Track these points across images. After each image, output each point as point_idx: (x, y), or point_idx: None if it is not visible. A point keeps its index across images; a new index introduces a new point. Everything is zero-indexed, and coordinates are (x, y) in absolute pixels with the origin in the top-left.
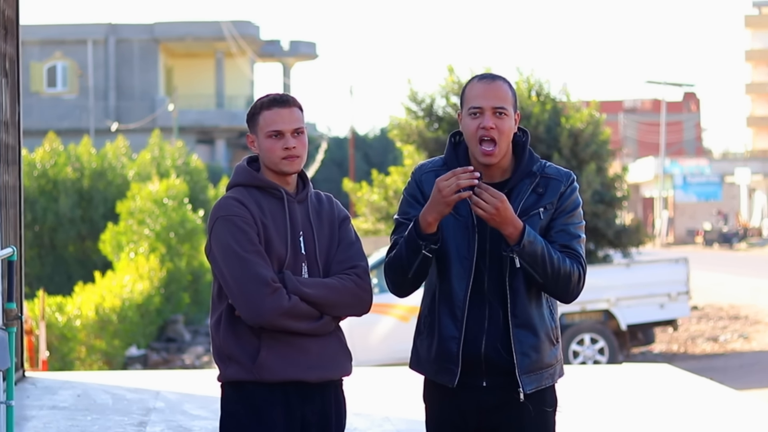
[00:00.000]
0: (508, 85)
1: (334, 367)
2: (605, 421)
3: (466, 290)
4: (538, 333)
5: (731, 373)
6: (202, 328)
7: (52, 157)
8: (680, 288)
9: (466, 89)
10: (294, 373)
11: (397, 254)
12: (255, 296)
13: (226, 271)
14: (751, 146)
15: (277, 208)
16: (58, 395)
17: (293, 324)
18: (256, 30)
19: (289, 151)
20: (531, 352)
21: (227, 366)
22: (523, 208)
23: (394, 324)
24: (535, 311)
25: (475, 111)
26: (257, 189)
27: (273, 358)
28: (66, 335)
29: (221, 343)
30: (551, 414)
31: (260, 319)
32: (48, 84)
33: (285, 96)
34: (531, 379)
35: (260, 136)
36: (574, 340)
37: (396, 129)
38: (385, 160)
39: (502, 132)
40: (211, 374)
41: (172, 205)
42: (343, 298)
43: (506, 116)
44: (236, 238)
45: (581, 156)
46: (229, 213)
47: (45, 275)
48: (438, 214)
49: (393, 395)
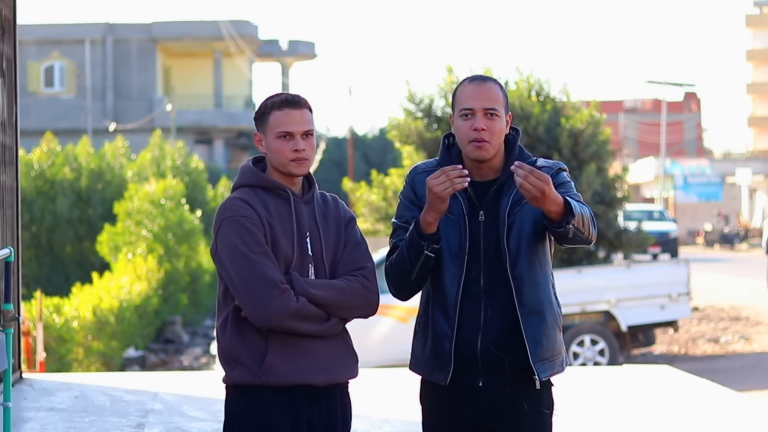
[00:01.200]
0: (499, 87)
1: (341, 370)
2: (605, 423)
3: (458, 289)
4: (548, 319)
5: (732, 374)
6: (200, 330)
7: (50, 157)
8: (681, 289)
9: (458, 91)
10: (301, 376)
11: (399, 257)
12: (262, 297)
13: (233, 273)
14: (752, 146)
15: (283, 208)
16: (56, 397)
17: (301, 325)
18: (255, 30)
19: (298, 153)
20: (543, 339)
21: (233, 368)
22: (514, 200)
23: (393, 325)
24: (544, 297)
25: (466, 112)
26: (263, 189)
27: (280, 361)
28: (63, 336)
29: (227, 345)
30: (548, 416)
31: (268, 320)
32: (45, 84)
33: (296, 97)
34: (545, 367)
35: (269, 136)
36: (574, 341)
37: (395, 129)
38: (384, 160)
39: (494, 133)
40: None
41: (169, 206)
42: (350, 299)
43: (497, 117)
44: (243, 239)
45: (581, 156)
46: (235, 214)
47: (42, 276)
48: (436, 212)
49: (392, 397)
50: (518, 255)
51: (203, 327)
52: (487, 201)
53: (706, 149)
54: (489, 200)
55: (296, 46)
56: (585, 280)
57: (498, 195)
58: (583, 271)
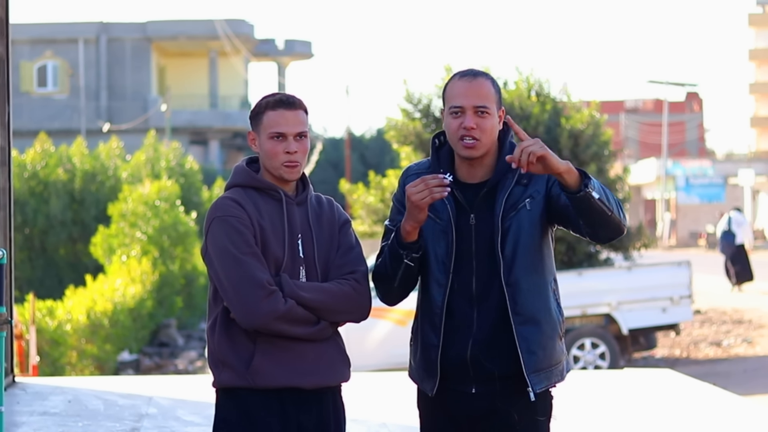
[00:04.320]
0: (491, 82)
1: (330, 374)
2: (606, 428)
3: (444, 296)
4: (544, 328)
5: (735, 378)
6: (195, 333)
7: (43, 158)
8: (683, 291)
9: (447, 87)
10: (288, 379)
11: (382, 263)
12: (250, 299)
13: (221, 273)
14: (754, 147)
15: (275, 210)
16: (49, 401)
17: (289, 328)
18: (251, 29)
19: (290, 155)
20: (537, 349)
21: (221, 371)
22: (510, 202)
23: (390, 328)
24: (541, 305)
25: (456, 110)
26: (255, 190)
27: (267, 363)
28: (57, 340)
29: (215, 348)
30: (543, 423)
31: (255, 322)
32: (38, 84)
33: (291, 98)
34: (540, 378)
35: (262, 135)
36: (574, 344)
37: (392, 130)
38: (381, 161)
39: (484, 131)
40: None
41: (164, 208)
42: (340, 303)
43: (488, 115)
44: (232, 240)
45: (582, 157)
46: (225, 214)
47: (35, 278)
48: (414, 221)
49: (390, 401)
50: (514, 261)
51: (198, 330)
52: (478, 203)
53: (708, 150)
54: (480, 203)
55: (293, 45)
56: (585, 283)
57: (490, 197)
58: (583, 274)
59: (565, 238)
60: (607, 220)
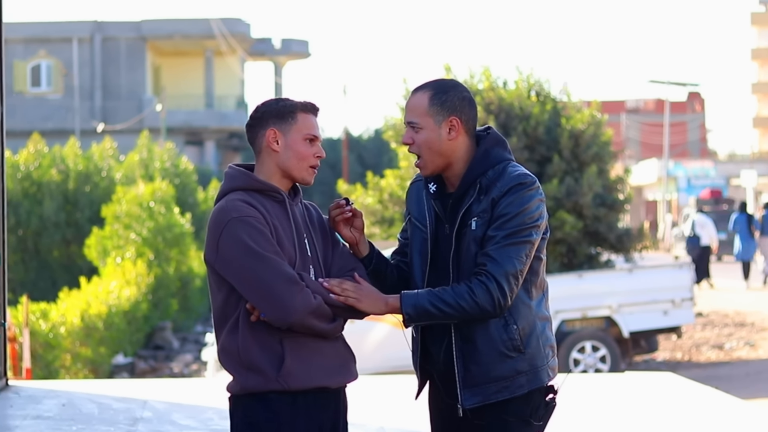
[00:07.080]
0: (429, 95)
1: (347, 372)
2: (607, 431)
3: None
4: (481, 345)
5: (737, 381)
6: (190, 336)
7: (37, 158)
8: (684, 294)
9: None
10: (319, 379)
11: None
12: (285, 295)
13: (248, 273)
14: (757, 147)
15: (280, 211)
16: (43, 405)
17: (318, 324)
18: (247, 28)
19: (317, 159)
20: (471, 365)
21: (246, 376)
22: (466, 218)
23: (388, 331)
24: (478, 323)
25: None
26: (257, 192)
27: (298, 365)
28: (50, 343)
29: (240, 352)
30: (517, 424)
31: (290, 317)
32: (32, 83)
33: (316, 105)
34: (473, 393)
35: (294, 135)
36: (574, 347)
37: (391, 130)
38: (379, 161)
39: (420, 145)
40: (200, 383)
41: (158, 209)
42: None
43: (421, 129)
44: (254, 239)
45: (582, 158)
46: (242, 214)
47: (29, 281)
48: (346, 238)
49: (388, 404)
50: (458, 275)
51: (194, 333)
52: (448, 215)
53: (710, 150)
54: (449, 214)
55: (289, 44)
56: (586, 285)
57: (454, 210)
58: (584, 276)
59: (565, 240)
60: (461, 319)
